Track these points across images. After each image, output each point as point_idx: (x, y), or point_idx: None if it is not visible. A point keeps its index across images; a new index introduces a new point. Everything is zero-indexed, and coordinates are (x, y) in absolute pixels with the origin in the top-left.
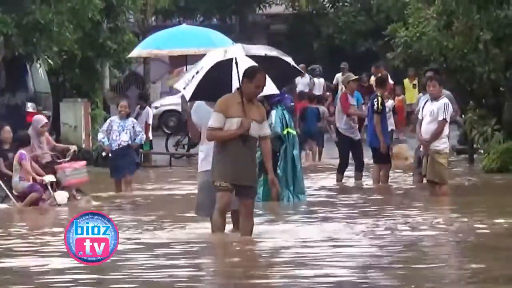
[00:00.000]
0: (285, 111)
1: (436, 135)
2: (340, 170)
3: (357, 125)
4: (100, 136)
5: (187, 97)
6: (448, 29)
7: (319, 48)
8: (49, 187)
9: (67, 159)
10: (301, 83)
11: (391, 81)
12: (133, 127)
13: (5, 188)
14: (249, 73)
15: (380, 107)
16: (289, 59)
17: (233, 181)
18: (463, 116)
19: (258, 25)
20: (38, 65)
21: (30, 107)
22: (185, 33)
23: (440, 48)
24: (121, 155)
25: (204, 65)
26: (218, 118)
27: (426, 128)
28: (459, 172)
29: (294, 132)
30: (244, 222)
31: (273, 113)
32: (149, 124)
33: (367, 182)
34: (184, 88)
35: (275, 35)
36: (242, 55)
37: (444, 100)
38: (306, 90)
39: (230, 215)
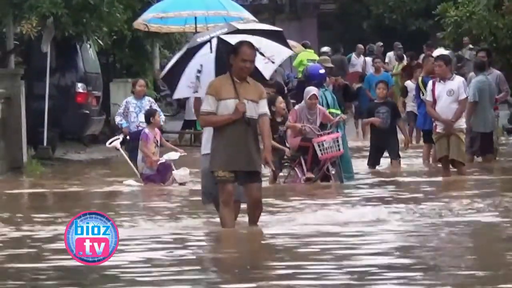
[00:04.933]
0: (327, 91)
1: (461, 113)
2: None
3: None
4: (117, 119)
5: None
6: (498, 9)
7: (369, 27)
8: (173, 166)
9: (328, 130)
10: (358, 63)
11: None
12: (150, 106)
13: (133, 167)
14: (233, 49)
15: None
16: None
17: (234, 168)
18: None
19: (308, 5)
20: (88, 46)
21: (80, 87)
22: None
23: (490, 27)
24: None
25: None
26: (210, 102)
27: (448, 108)
28: (510, 152)
29: (338, 112)
30: (252, 209)
31: (320, 94)
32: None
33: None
34: (196, 92)
35: (325, 15)
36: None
37: (461, 78)
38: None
39: None
